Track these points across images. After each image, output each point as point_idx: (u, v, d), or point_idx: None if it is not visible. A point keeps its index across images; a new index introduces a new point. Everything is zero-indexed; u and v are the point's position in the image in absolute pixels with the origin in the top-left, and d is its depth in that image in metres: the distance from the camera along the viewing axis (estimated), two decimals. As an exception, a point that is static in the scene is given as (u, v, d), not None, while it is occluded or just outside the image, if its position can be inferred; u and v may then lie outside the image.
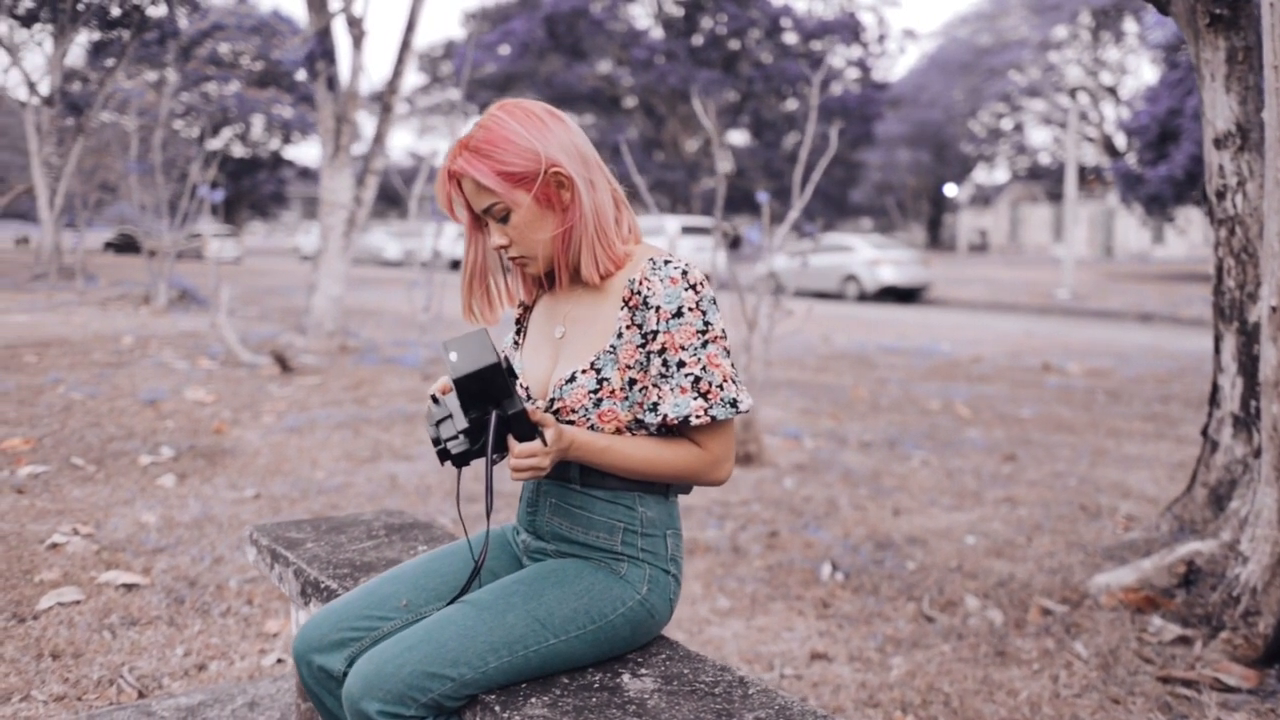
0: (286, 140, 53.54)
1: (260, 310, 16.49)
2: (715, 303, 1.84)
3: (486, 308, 2.01)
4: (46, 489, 5.21)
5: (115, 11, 27.18)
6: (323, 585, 2.29)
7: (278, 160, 54.64)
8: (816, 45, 42.53)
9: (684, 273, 1.81)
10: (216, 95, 45.25)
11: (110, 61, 28.06)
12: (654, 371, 1.82)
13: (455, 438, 1.74)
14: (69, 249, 23.55)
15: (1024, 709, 3.04)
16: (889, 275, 22.90)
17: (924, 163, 55.28)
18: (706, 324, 1.81)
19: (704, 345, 1.80)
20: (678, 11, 44.25)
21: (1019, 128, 55.29)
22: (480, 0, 51.80)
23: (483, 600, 1.81)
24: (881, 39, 43.83)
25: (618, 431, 1.85)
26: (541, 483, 1.96)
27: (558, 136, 1.84)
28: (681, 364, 1.79)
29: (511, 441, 1.73)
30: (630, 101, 46.57)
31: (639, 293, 1.82)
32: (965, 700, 3.10)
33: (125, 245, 42.55)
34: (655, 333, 1.80)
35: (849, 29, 42.54)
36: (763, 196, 6.50)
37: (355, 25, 10.41)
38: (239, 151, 53.92)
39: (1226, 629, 3.36)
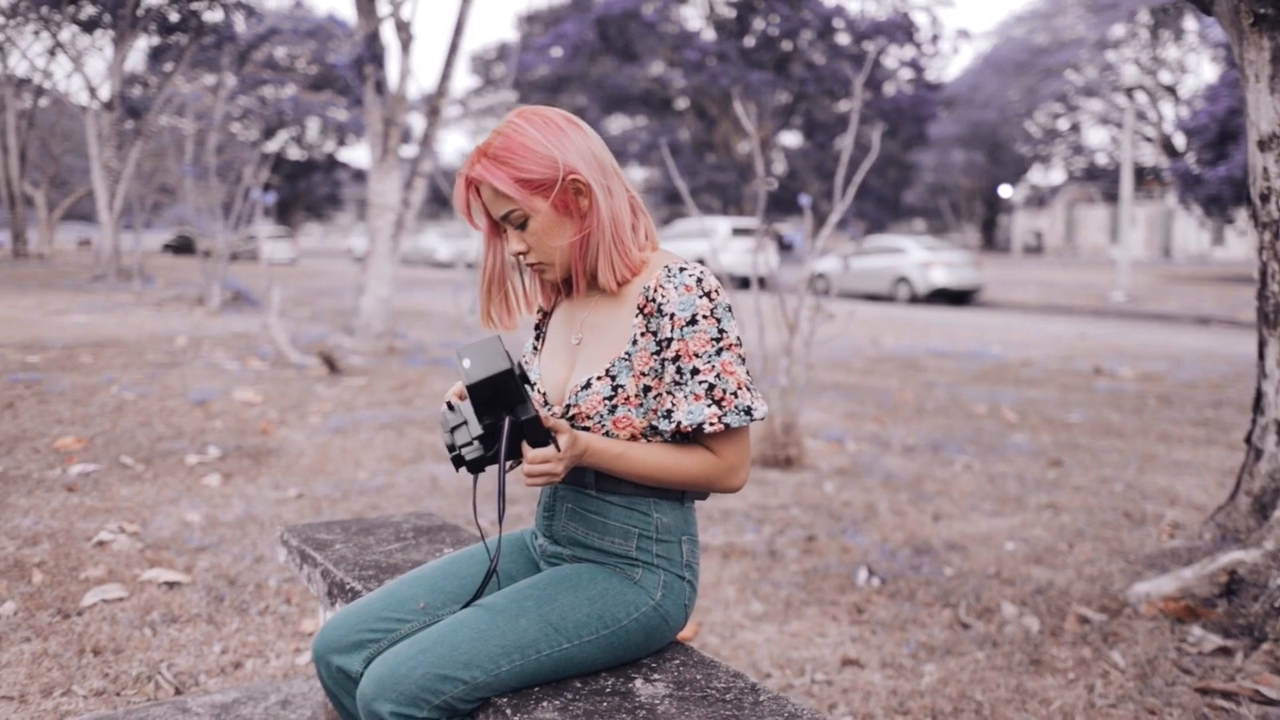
0: (341, 143, 54.12)
1: (312, 312, 16.67)
2: (730, 310, 1.84)
3: (505, 314, 2.02)
4: (96, 487, 5.31)
5: (174, 17, 27.60)
6: (348, 586, 2.32)
7: (333, 163, 55.23)
8: (869, 46, 42.23)
9: (698, 280, 1.81)
10: (273, 99, 45.86)
11: (169, 66, 28.52)
12: (668, 378, 1.82)
13: (469, 444, 1.76)
14: (128, 251, 23.94)
15: (1057, 718, 3.00)
16: (941, 277, 22.71)
17: (978, 164, 54.73)
18: (721, 331, 1.81)
19: (718, 352, 1.80)
20: (729, 13, 44.16)
21: (1075, 128, 54.57)
22: (533, 3, 52.10)
23: (497, 604, 1.83)
24: (935, 39, 43.42)
25: (633, 438, 1.86)
26: (558, 488, 1.97)
27: (576, 144, 1.85)
28: (696, 371, 1.79)
29: (525, 447, 1.75)
30: (682, 103, 46.54)
31: (654, 300, 1.82)
32: (997, 709, 3.07)
33: (183, 247, 43.22)
34: (669, 340, 1.81)
35: (902, 29, 42.21)
36: (805, 200, 6.47)
37: (403, 29, 10.50)
38: (295, 154, 54.57)
39: (1269, 640, 3.30)
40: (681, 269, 1.82)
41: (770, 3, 40.97)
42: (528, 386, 1.77)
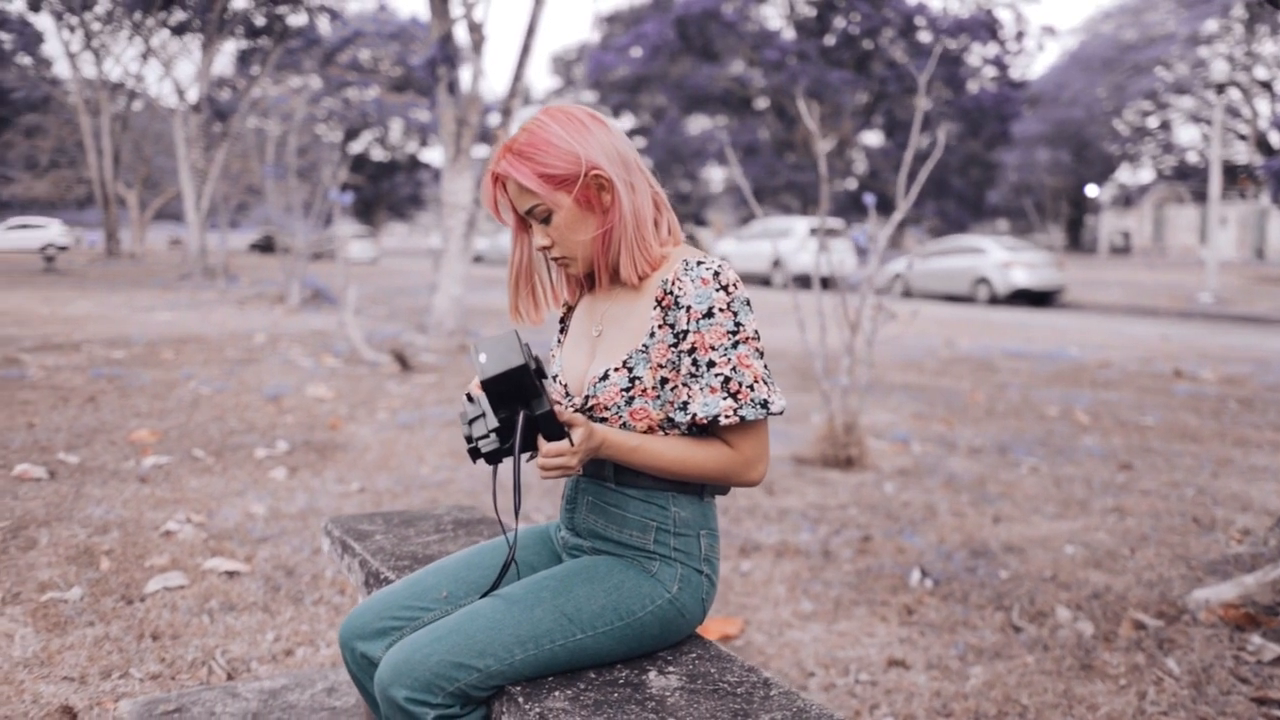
0: (423, 143, 54.86)
1: (389, 310, 16.93)
2: (749, 304, 1.84)
3: (532, 308, 2.05)
4: (167, 479, 5.45)
5: (259, 21, 28.20)
6: (383, 576, 2.36)
7: (415, 163, 56.00)
8: (951, 44, 41.72)
9: (716, 273, 1.82)
10: (357, 100, 46.61)
11: (255, 69, 29.13)
12: (684, 371, 1.83)
13: (486, 436, 1.78)
14: (213, 250, 24.52)
15: (1103, 724, 2.95)
16: (1021, 278, 22.35)
17: (1064, 163, 53.68)
18: (738, 325, 1.81)
19: (735, 346, 1.81)
20: (810, 12, 43.92)
21: (1165, 126, 53.29)
22: (614, 3, 52.29)
23: (513, 594, 1.85)
24: (1019, 36, 42.77)
25: (650, 430, 1.88)
26: (579, 480, 1.99)
27: (599, 140, 1.87)
28: (711, 364, 1.80)
29: (541, 441, 1.77)
30: (761, 103, 46.38)
31: (671, 293, 1.84)
32: (1043, 713, 3.02)
33: (268, 246, 44.09)
34: (686, 332, 1.82)
35: (985, 27, 41.64)
36: (869, 199, 6.42)
37: (476, 30, 10.62)
38: (378, 155, 55.42)
39: (1329, 649, 3.21)
40: (699, 262, 1.84)
41: (851, 1, 40.68)
42: (545, 380, 1.79)
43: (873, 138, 47.27)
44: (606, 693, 1.75)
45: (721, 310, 1.81)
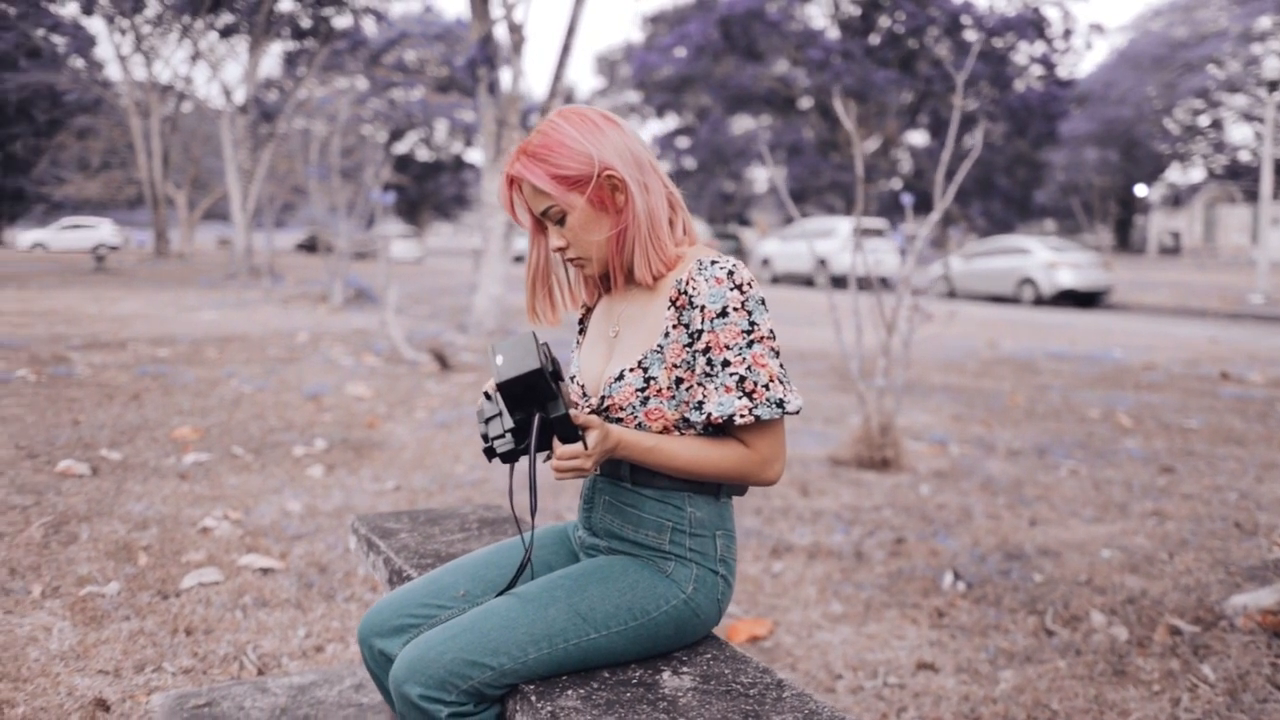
0: (468, 143, 55.18)
1: (431, 309, 17.03)
2: (764, 303, 1.84)
3: (549, 309, 2.06)
4: (207, 476, 5.52)
5: (305, 23, 28.47)
6: (405, 574, 2.38)
7: (460, 163, 56.32)
8: (998, 42, 41.32)
9: (730, 272, 1.82)
10: (402, 101, 46.96)
11: (301, 71, 29.41)
12: (699, 371, 1.83)
13: (502, 436, 1.80)
14: (260, 250, 24.78)
15: (1133, 730, 2.92)
16: (1067, 278, 22.10)
17: (1112, 162, 53.03)
18: (752, 324, 1.81)
19: (749, 345, 1.80)
20: (854, 11, 43.68)
21: (1217, 124, 52.52)
22: (658, 3, 52.28)
23: (528, 593, 1.86)
24: (1067, 34, 42.24)
25: (665, 430, 1.88)
26: (596, 480, 2.00)
27: (612, 140, 1.87)
28: (726, 363, 1.80)
29: (556, 442, 1.78)
30: (805, 102, 46.19)
31: (685, 292, 1.84)
32: (1072, 719, 2.99)
33: (314, 246, 44.54)
34: (700, 332, 1.82)
35: (1032, 25, 41.20)
36: (907, 199, 6.38)
37: (515, 31, 10.67)
38: (423, 155, 55.80)
39: (1369, 657, 3.15)
40: (714, 262, 1.84)
41: (896, 0, 40.41)
42: (561, 383, 1.80)
43: (918, 137, 46.95)
44: (619, 692, 1.76)
45: (736, 309, 1.80)
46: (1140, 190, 54.35)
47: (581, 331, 2.15)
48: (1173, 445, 6.95)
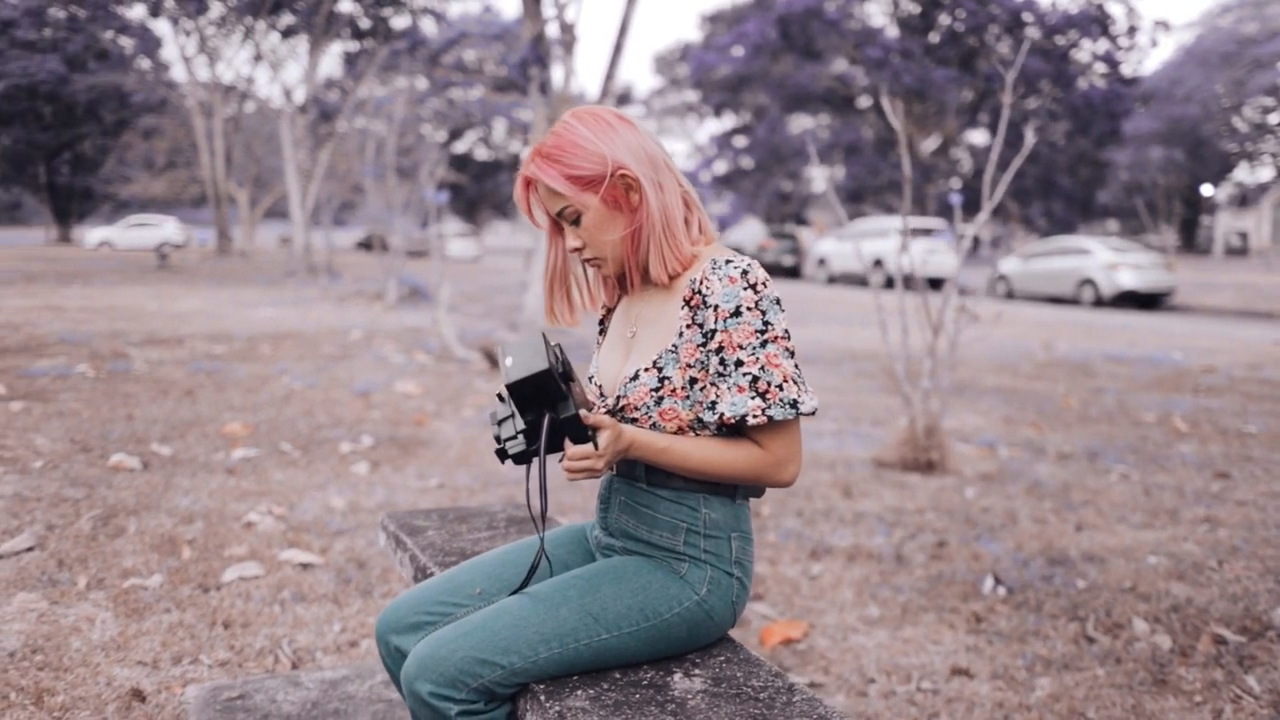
0: (526, 143, 55.38)
1: (485, 308, 17.13)
2: (778, 303, 1.82)
3: (567, 310, 2.06)
4: (254, 471, 5.59)
5: (364, 23, 28.77)
6: (429, 571, 2.39)
7: (517, 162, 56.57)
8: (1060, 40, 40.73)
9: (744, 272, 1.81)
10: (461, 100, 47.30)
11: (360, 70, 29.74)
12: (712, 370, 1.82)
13: (514, 437, 1.80)
14: (317, 248, 25.08)
15: (1171, 741, 2.86)
16: (1128, 280, 21.75)
17: (1178, 161, 52.03)
18: (766, 324, 1.80)
19: (763, 345, 1.79)
20: (914, 9, 43.29)
21: (1287, 122, 51.36)
22: (716, 2, 52.18)
23: (540, 592, 1.86)
24: (1131, 31, 41.53)
25: (680, 430, 1.87)
26: (612, 480, 2.00)
27: (625, 140, 1.87)
28: (739, 363, 1.79)
29: (568, 443, 1.78)
30: (864, 101, 45.85)
31: (699, 292, 1.83)
32: (1108, 728, 2.94)
33: (373, 245, 45.03)
34: (714, 331, 1.81)
35: (1096, 22, 40.56)
36: (955, 199, 6.30)
37: (567, 30, 10.69)
38: (481, 154, 56.17)
39: None
40: (728, 261, 1.82)
41: (956, -3, 40.02)
42: (573, 383, 1.80)
43: (978, 136, 46.42)
44: (628, 693, 1.75)
45: (749, 309, 1.79)
46: (1206, 190, 53.31)
47: (602, 332, 2.15)
48: (1229, 450, 6.81)
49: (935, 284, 23.74)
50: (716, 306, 1.80)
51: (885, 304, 8.24)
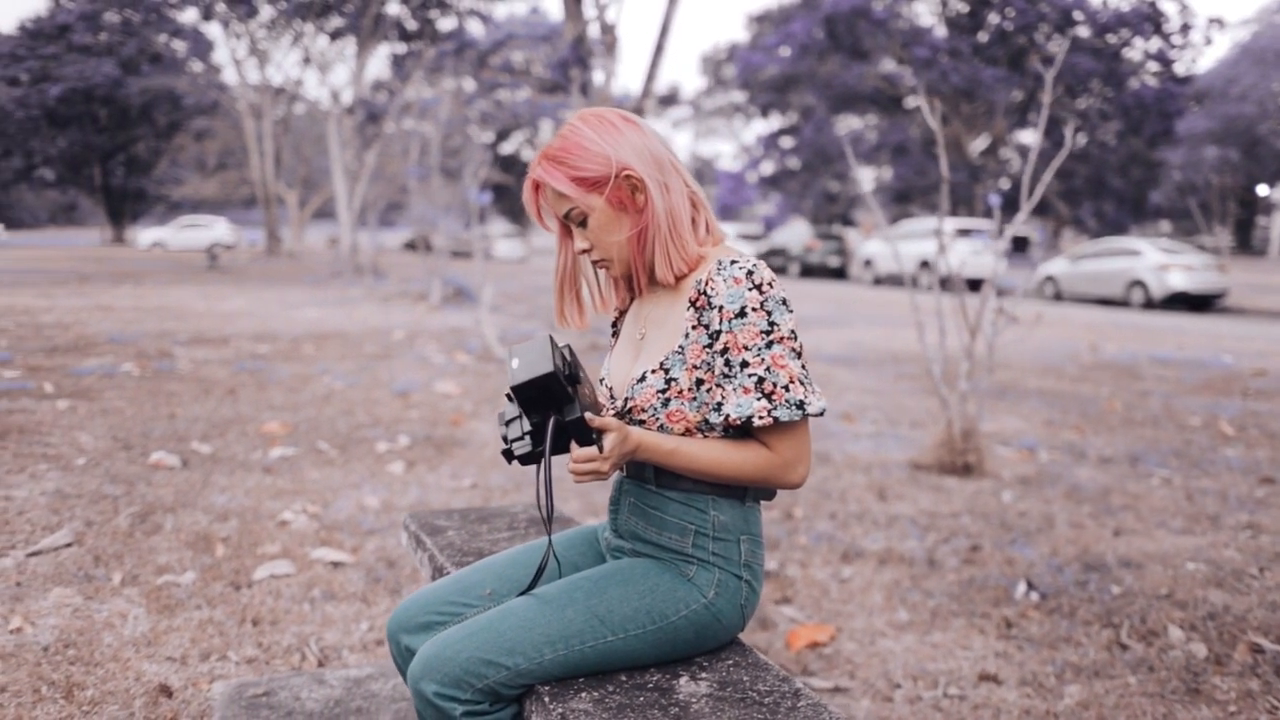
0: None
1: (529, 308, 17.18)
2: (785, 304, 1.81)
3: (577, 313, 2.06)
4: (291, 470, 5.65)
5: (411, 25, 28.98)
6: (446, 571, 2.40)
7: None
8: (1111, 39, 40.20)
9: (749, 272, 1.80)
10: (508, 101, 47.50)
11: (408, 72, 29.97)
12: (718, 372, 1.81)
13: (521, 439, 1.80)
14: (364, 248, 25.30)
15: (1201, 751, 2.81)
16: (1179, 281, 21.40)
17: (1233, 161, 51.13)
18: (772, 324, 1.78)
19: (768, 345, 1.78)
20: (963, 7, 42.91)
21: (1348, 121, 50.35)
22: (763, 2, 52.06)
23: (547, 594, 1.86)
24: (1185, 29, 40.89)
25: (687, 432, 1.86)
26: (623, 482, 1.99)
27: (630, 141, 1.87)
28: (745, 364, 1.78)
29: (574, 445, 1.78)
30: (911, 101, 45.50)
31: (704, 293, 1.82)
32: (1137, 737, 2.89)
33: (419, 245, 45.30)
34: (719, 332, 1.80)
35: (1148, 20, 39.99)
36: (994, 199, 6.24)
37: (608, 31, 10.71)
38: (528, 155, 56.32)
39: None
40: (733, 261, 1.82)
41: (1005, -4, 39.61)
42: (579, 385, 1.79)
43: (1028, 136, 45.92)
44: (633, 696, 1.74)
45: (754, 310, 1.78)
46: (1262, 190, 52.38)
47: (615, 335, 2.15)
48: (1276, 455, 6.68)
49: (979, 285, 23.53)
50: (721, 307, 1.79)
51: (923, 305, 8.16)
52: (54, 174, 47.58)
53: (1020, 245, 27.52)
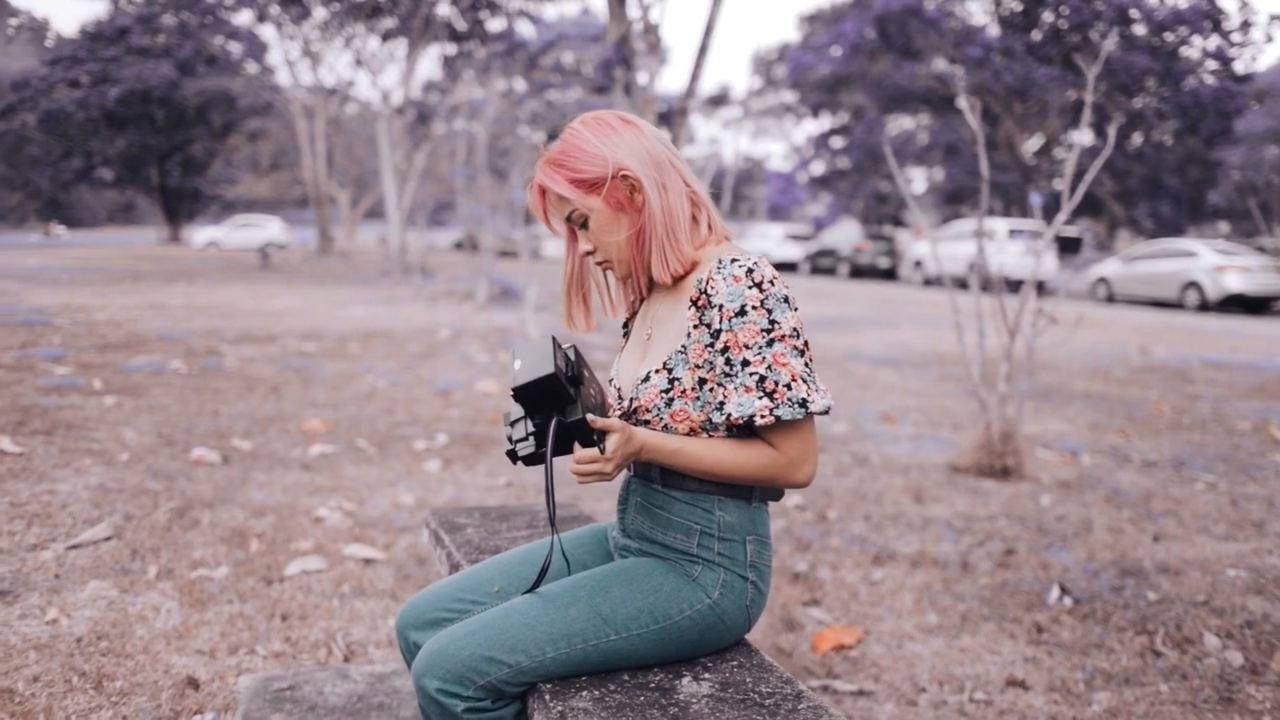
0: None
1: (574, 308, 17.20)
2: (787, 301, 1.79)
3: (584, 316, 2.07)
4: (329, 467, 5.70)
5: (462, 26, 29.16)
6: (461, 569, 2.40)
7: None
8: (1169, 37, 39.58)
9: (749, 271, 1.79)
10: (559, 102, 47.62)
11: (458, 72, 30.17)
12: (719, 371, 1.81)
13: (525, 440, 1.81)
14: (413, 248, 25.49)
15: (1230, 761, 2.76)
16: (1235, 283, 21.03)
17: (1294, 161, 50.21)
18: (773, 322, 1.77)
19: (769, 344, 1.77)
20: (1016, 6, 42.45)
21: None
22: (815, 2, 51.84)
23: (551, 592, 1.86)
24: (1245, 27, 40.16)
25: (691, 431, 1.86)
26: (630, 481, 1.99)
27: (628, 142, 1.87)
28: (746, 363, 1.77)
29: (577, 446, 1.78)
30: (963, 101, 45.07)
31: (705, 292, 1.82)
32: (1165, 745, 2.85)
33: (466, 245, 45.54)
34: (720, 331, 1.79)
35: (1207, 17, 39.33)
36: (1036, 199, 6.17)
37: (650, 32, 10.71)
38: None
39: None
40: (734, 260, 1.81)
41: (1060, -6, 39.13)
42: (581, 386, 1.79)
43: (1082, 137, 45.36)
44: (633, 695, 1.74)
45: (755, 308, 1.77)
46: (1324, 190, 51.30)
47: (625, 336, 2.15)
48: (1327, 461, 6.55)
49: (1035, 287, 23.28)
50: (721, 306, 1.79)
51: (963, 306, 8.08)
52: (113, 174, 48.40)
53: (1071, 246, 27.17)
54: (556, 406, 1.75)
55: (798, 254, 36.46)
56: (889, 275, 32.90)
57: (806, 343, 1.83)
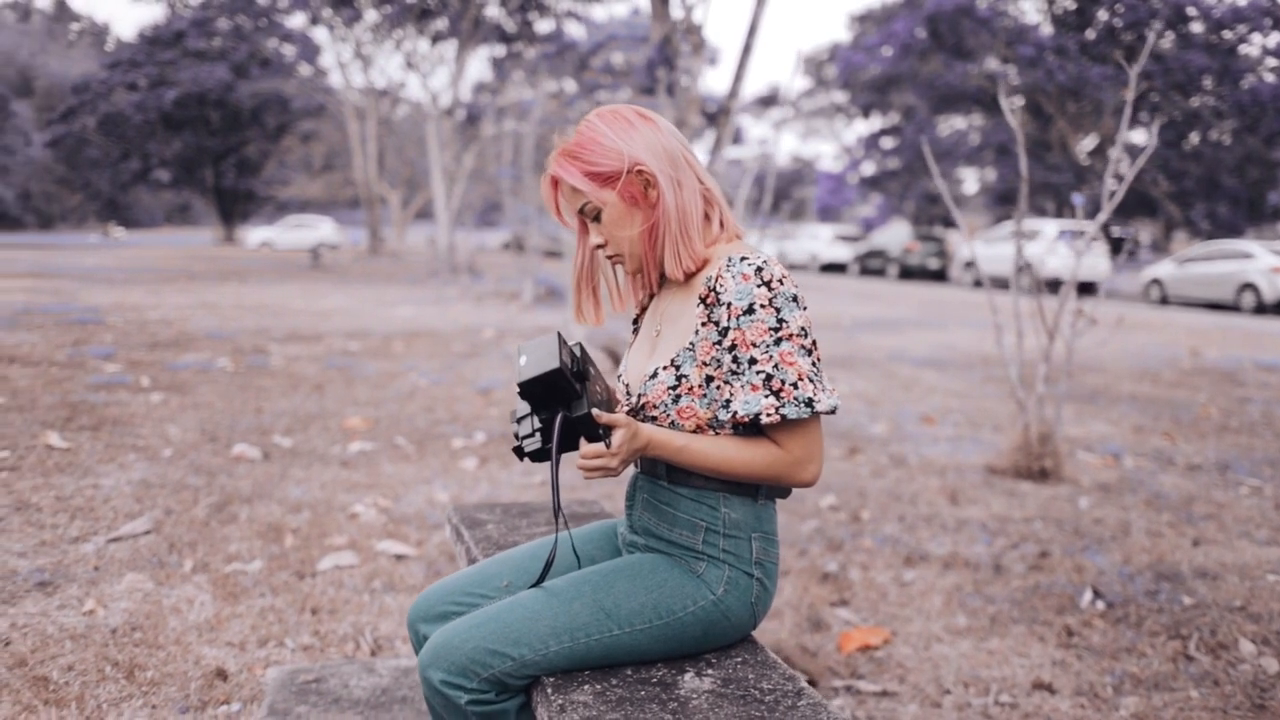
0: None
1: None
2: (796, 300, 1.80)
3: (593, 309, 2.07)
4: (368, 464, 5.76)
5: (511, 28, 29.31)
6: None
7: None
8: (1228, 35, 38.92)
9: (758, 269, 1.79)
10: (608, 102, 47.73)
11: (507, 73, 30.35)
12: (726, 368, 1.81)
13: (531, 436, 1.82)
14: (461, 248, 25.66)
15: (1257, 768, 2.71)
16: (1293, 285, 20.65)
17: (1357, 160, 49.19)
18: (780, 321, 1.77)
19: (777, 343, 1.77)
20: (1070, 4, 41.95)
21: None
22: (865, 2, 51.58)
23: (556, 587, 1.87)
24: (1307, 23, 39.40)
25: (698, 429, 1.86)
26: (638, 477, 2.00)
27: (644, 137, 1.88)
28: (753, 361, 1.77)
29: (583, 441, 1.79)
30: (1016, 101, 44.62)
31: (714, 289, 1.82)
32: (1192, 751, 2.81)
33: (513, 245, 45.79)
34: (728, 329, 1.80)
35: (1267, 14, 38.62)
36: (1077, 199, 6.10)
37: (693, 32, 10.69)
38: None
39: None
40: (743, 258, 1.81)
41: (1115, -8, 38.63)
42: (587, 381, 1.80)
43: (1137, 136, 44.74)
44: (634, 690, 1.75)
45: (763, 306, 1.77)
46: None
47: (635, 332, 2.15)
48: (1378, 466, 6.42)
49: (1085, 288, 23.00)
50: (730, 304, 1.79)
51: (1003, 307, 8.00)
52: (169, 176, 49.15)
53: (1118, 247, 26.77)
54: (562, 402, 1.76)
55: (847, 255, 36.31)
56: (939, 276, 32.65)
57: (814, 342, 1.83)
